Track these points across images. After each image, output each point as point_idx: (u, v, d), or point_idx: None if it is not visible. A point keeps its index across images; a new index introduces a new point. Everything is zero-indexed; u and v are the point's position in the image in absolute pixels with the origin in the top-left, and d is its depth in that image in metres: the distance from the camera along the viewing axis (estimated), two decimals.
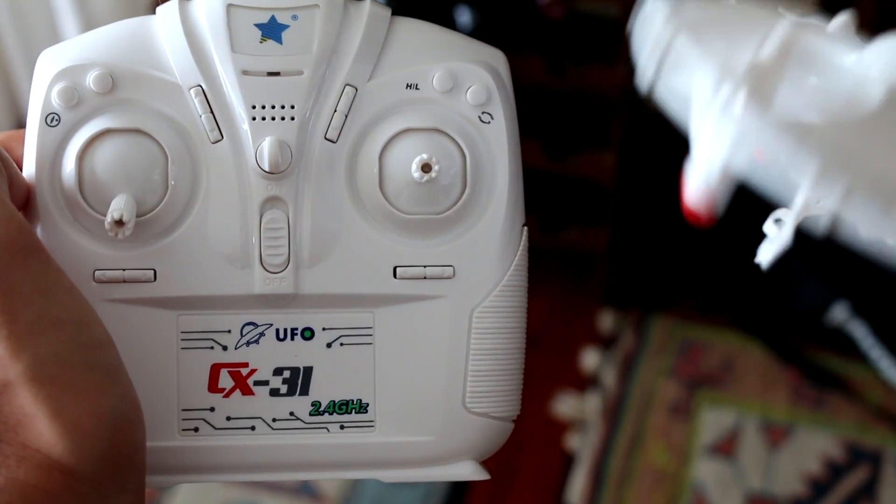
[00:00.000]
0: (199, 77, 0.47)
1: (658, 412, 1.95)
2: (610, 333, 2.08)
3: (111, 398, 0.41)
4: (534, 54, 1.87)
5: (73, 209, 0.46)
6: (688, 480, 1.85)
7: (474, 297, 0.48)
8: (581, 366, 2.03)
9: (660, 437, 1.91)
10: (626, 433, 1.93)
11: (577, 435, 1.93)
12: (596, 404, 1.97)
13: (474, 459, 0.50)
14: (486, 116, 0.48)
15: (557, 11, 1.90)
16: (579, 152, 2.00)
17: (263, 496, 1.83)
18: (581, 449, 1.91)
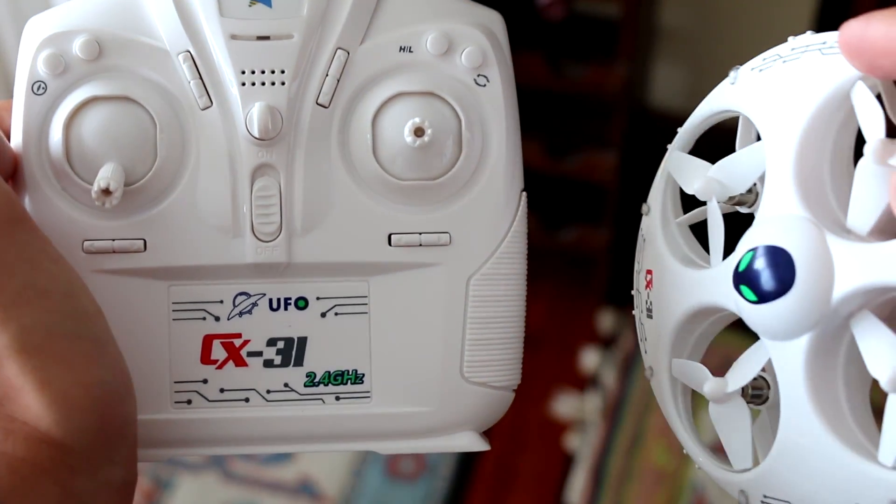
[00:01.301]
0: (188, 42, 0.46)
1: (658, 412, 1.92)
2: (610, 333, 2.08)
3: (100, 369, 0.40)
4: (534, 54, 1.86)
5: (60, 179, 0.46)
6: (688, 480, 1.85)
7: (471, 265, 0.47)
8: (581, 366, 2.02)
9: (660, 437, 1.91)
10: (626, 433, 1.92)
11: (577, 435, 1.92)
12: (596, 404, 1.97)
13: (474, 430, 0.49)
14: (481, 79, 0.47)
15: (557, 12, 1.90)
16: (579, 152, 1.99)
17: (263, 496, 1.82)
18: (581, 449, 1.90)
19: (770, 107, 0.44)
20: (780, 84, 0.44)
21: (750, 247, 0.43)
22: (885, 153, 0.38)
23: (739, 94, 0.46)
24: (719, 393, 0.46)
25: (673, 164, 0.50)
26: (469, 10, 0.48)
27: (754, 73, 0.46)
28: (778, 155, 0.44)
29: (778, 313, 0.42)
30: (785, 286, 0.41)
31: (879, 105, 0.40)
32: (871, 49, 0.39)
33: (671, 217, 0.51)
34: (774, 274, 0.42)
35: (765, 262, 0.42)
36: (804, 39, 0.44)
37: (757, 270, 0.42)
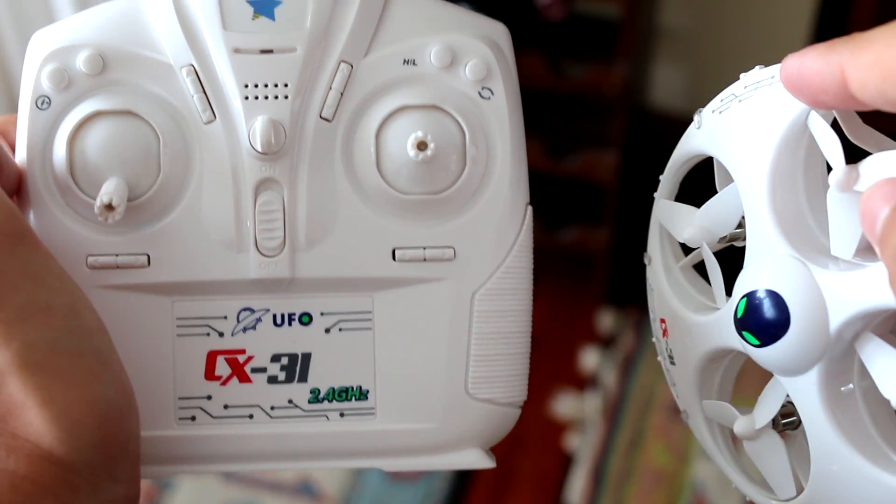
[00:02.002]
0: (191, 56, 0.46)
1: (658, 412, 1.94)
2: (610, 333, 2.08)
3: (103, 386, 0.40)
4: (534, 54, 1.86)
5: (64, 194, 0.45)
6: (688, 480, 1.85)
7: (476, 279, 0.47)
8: (581, 366, 2.02)
9: (660, 437, 1.91)
10: (626, 433, 1.92)
11: (577, 435, 1.92)
12: (596, 404, 1.97)
13: (479, 447, 0.49)
14: (486, 92, 0.47)
15: (557, 12, 1.89)
16: (579, 152, 1.99)
17: (264, 496, 1.82)
18: (581, 449, 1.90)
19: (735, 148, 0.45)
20: (739, 124, 0.45)
21: (743, 293, 0.44)
22: (847, 181, 0.39)
23: (705, 137, 0.47)
24: (749, 431, 0.46)
25: (661, 214, 0.50)
26: (473, 21, 0.48)
27: (715, 115, 0.47)
28: (751, 195, 0.44)
29: (782, 353, 0.42)
30: (782, 328, 0.42)
31: (836, 133, 0.41)
32: (809, 86, 0.40)
33: (672, 263, 0.51)
34: (769, 318, 0.42)
35: (758, 308, 0.43)
36: (754, 76, 0.45)
37: (753, 316, 0.43)
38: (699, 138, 0.48)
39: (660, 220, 0.51)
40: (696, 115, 0.48)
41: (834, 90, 0.38)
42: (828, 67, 0.38)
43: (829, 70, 0.38)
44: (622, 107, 1.97)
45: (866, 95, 0.37)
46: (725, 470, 0.50)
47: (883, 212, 0.36)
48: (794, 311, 0.41)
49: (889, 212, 0.36)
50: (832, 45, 0.38)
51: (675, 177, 0.51)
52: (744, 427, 0.46)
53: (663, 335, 0.51)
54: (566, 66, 1.93)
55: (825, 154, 0.41)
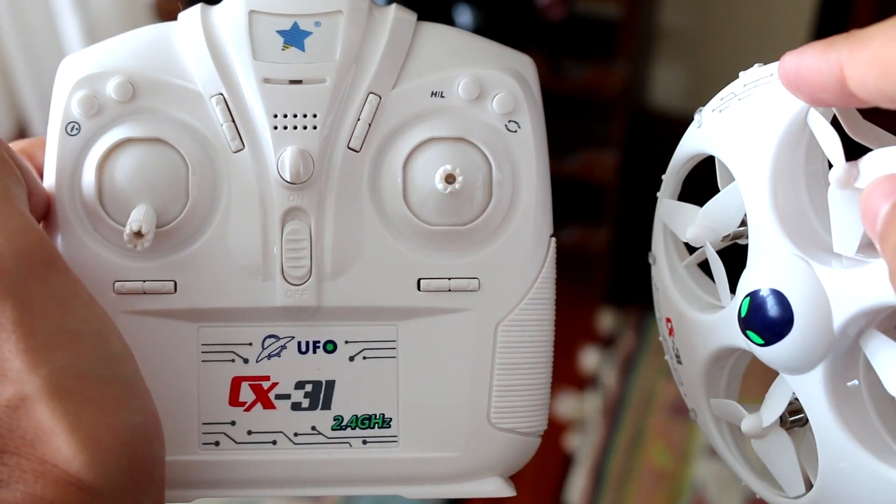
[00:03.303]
0: (221, 85, 0.46)
1: (658, 412, 1.94)
2: (610, 333, 2.08)
3: (130, 412, 0.40)
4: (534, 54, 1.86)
5: (93, 220, 0.46)
6: (688, 480, 1.85)
7: (500, 311, 0.47)
8: (581, 365, 2.02)
9: (660, 437, 1.91)
10: (626, 433, 1.92)
11: (577, 435, 1.92)
12: (596, 404, 1.97)
13: (500, 475, 0.49)
14: (512, 125, 0.47)
15: (557, 12, 1.89)
16: (579, 152, 1.99)
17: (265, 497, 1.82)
18: (581, 449, 1.90)
19: (735, 147, 0.45)
20: (739, 123, 0.45)
21: (746, 292, 0.44)
22: (848, 178, 0.39)
23: (706, 136, 0.47)
24: (756, 429, 0.46)
25: (664, 213, 0.51)
26: (500, 53, 0.48)
27: (715, 114, 0.47)
28: (753, 194, 0.44)
29: (786, 351, 0.42)
30: (786, 326, 0.42)
31: (836, 129, 0.41)
32: (808, 83, 0.40)
33: (677, 262, 0.51)
34: (773, 317, 0.42)
35: (762, 307, 0.43)
36: (753, 74, 0.45)
37: (756, 315, 0.43)
38: (700, 137, 0.48)
39: (663, 220, 0.51)
40: (696, 114, 0.48)
41: (832, 87, 0.38)
42: (826, 65, 0.38)
43: (828, 67, 0.38)
44: (622, 107, 1.96)
45: (865, 92, 0.37)
46: (735, 468, 0.50)
47: (883, 208, 0.36)
48: (797, 310, 0.42)
49: (889, 208, 0.36)
50: (831, 42, 0.38)
51: (677, 176, 0.51)
52: (751, 425, 0.47)
53: (670, 334, 0.51)
54: (566, 66, 1.93)
55: (825, 151, 0.41)
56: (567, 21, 1.93)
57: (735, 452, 0.50)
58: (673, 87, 2.36)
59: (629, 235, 2.07)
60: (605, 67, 1.93)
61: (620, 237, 2.05)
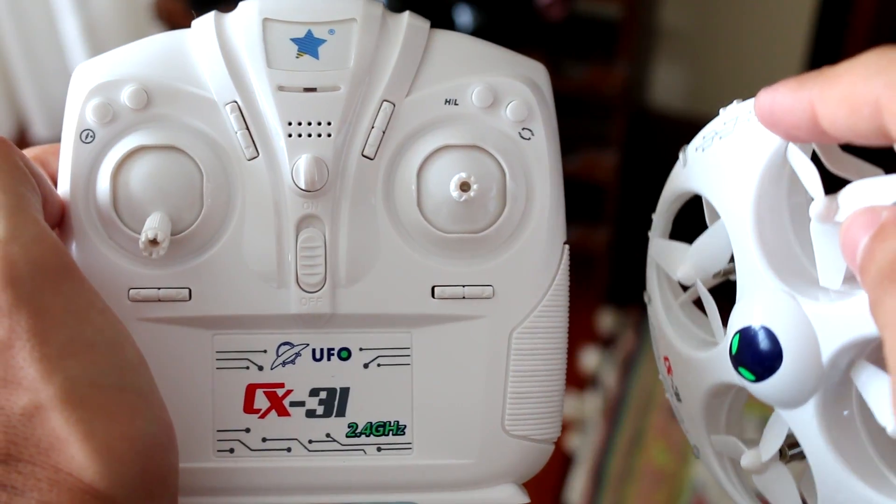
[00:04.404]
0: (235, 93, 0.46)
1: (658, 412, 1.94)
2: (610, 333, 2.08)
3: (144, 421, 0.40)
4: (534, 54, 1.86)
5: (107, 227, 0.46)
6: (688, 480, 1.85)
7: (514, 318, 0.47)
8: (581, 365, 2.03)
9: (660, 437, 1.91)
10: (626, 433, 1.92)
11: (577, 435, 1.93)
12: (596, 404, 1.97)
13: (514, 482, 0.49)
14: (526, 133, 0.47)
15: (557, 12, 1.90)
16: (579, 152, 1.99)
17: None
18: (581, 449, 1.91)
19: (719, 184, 0.46)
20: (722, 160, 0.45)
21: (735, 329, 0.44)
22: (828, 211, 0.39)
23: (690, 175, 0.48)
24: (756, 464, 0.47)
25: (656, 252, 0.51)
26: (514, 61, 0.48)
27: (698, 152, 0.47)
28: (738, 230, 0.45)
29: (778, 386, 0.43)
30: (775, 361, 0.42)
31: (815, 164, 0.41)
32: (782, 122, 0.40)
33: (671, 301, 0.52)
34: (762, 353, 0.43)
35: (751, 344, 0.43)
36: (733, 111, 0.46)
37: (747, 352, 0.43)
38: (685, 176, 0.48)
39: (655, 259, 0.51)
40: (681, 152, 0.49)
41: (805, 126, 0.39)
42: (798, 103, 0.39)
43: (800, 106, 0.39)
44: (622, 107, 1.97)
45: (836, 130, 0.38)
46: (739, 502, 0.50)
47: (862, 240, 0.36)
48: (785, 345, 0.42)
49: (868, 240, 0.36)
50: (802, 80, 0.39)
51: (666, 215, 0.51)
52: (751, 461, 0.47)
53: (668, 373, 0.52)
54: (566, 66, 1.93)
55: (805, 186, 0.41)
56: (567, 21, 1.93)
57: (739, 488, 0.51)
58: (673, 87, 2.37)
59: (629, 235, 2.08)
60: (605, 67, 1.93)
61: (620, 237, 2.05)
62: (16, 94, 2.42)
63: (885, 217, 0.36)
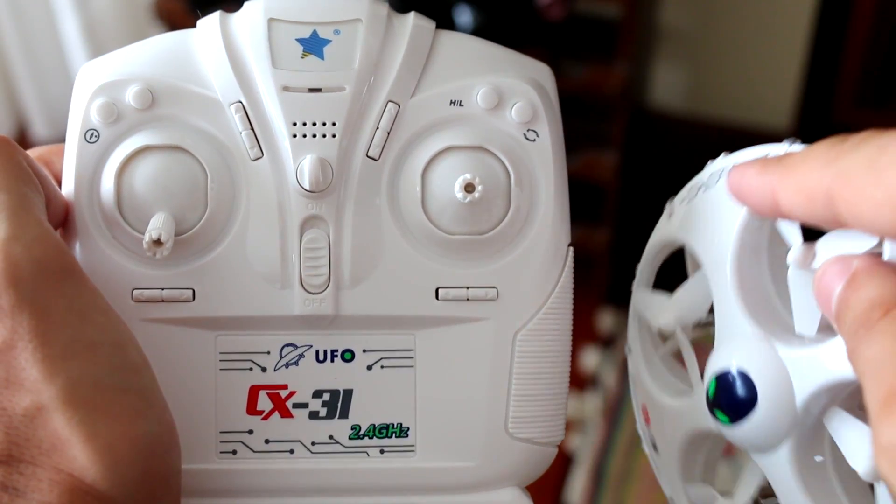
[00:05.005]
0: (240, 93, 0.46)
1: None
2: (610, 333, 2.08)
3: (146, 422, 0.40)
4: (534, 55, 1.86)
5: (111, 227, 0.46)
6: None
7: (518, 320, 0.47)
8: (581, 365, 2.03)
9: None
10: (626, 433, 1.92)
11: (577, 435, 1.93)
12: (596, 404, 1.97)
13: (517, 485, 0.49)
14: (531, 134, 0.47)
15: (557, 12, 1.89)
16: (579, 152, 1.99)
17: None
18: (581, 449, 1.91)
19: (702, 235, 0.47)
20: (706, 211, 0.46)
21: (712, 373, 0.45)
22: (805, 259, 0.40)
23: (675, 226, 0.49)
24: None
25: (638, 303, 0.52)
26: (519, 62, 0.48)
27: (683, 204, 0.48)
28: (718, 278, 0.46)
29: (752, 430, 0.43)
30: (750, 405, 0.43)
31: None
32: (748, 201, 0.42)
33: (652, 352, 0.52)
34: (738, 396, 0.43)
35: (727, 387, 0.44)
36: (719, 163, 0.46)
37: (722, 395, 0.44)
38: (670, 227, 0.49)
39: (637, 310, 0.52)
40: (667, 204, 0.50)
41: (769, 207, 0.40)
42: (762, 187, 0.40)
43: (763, 190, 0.40)
44: (622, 107, 1.97)
45: (795, 216, 0.39)
46: None
47: (836, 289, 0.37)
48: (760, 388, 0.42)
49: (842, 289, 0.37)
50: (766, 164, 0.40)
51: (650, 266, 0.52)
52: None
53: (647, 423, 0.52)
54: (566, 66, 1.93)
55: (783, 234, 0.42)
56: (567, 21, 1.93)
57: None
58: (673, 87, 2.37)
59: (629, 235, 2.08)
60: (605, 67, 1.93)
61: (620, 237, 2.05)
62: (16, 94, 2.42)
63: (856, 266, 0.37)
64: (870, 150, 0.35)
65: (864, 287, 0.36)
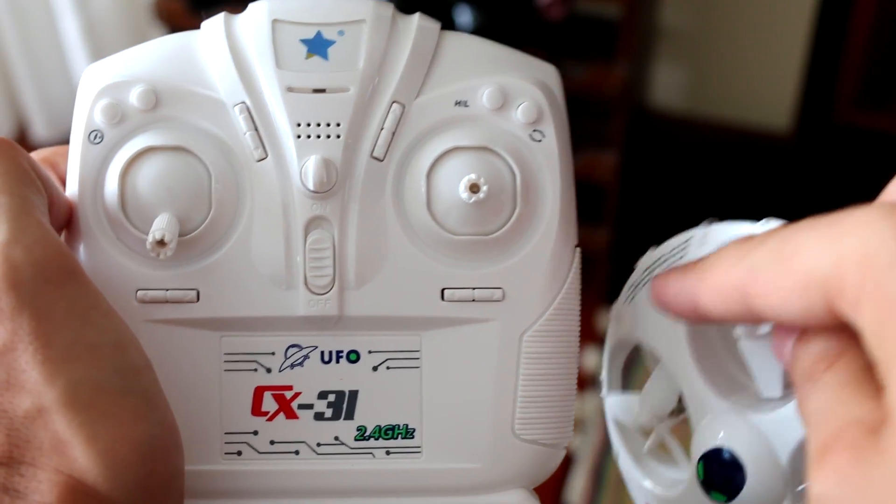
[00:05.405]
0: (244, 94, 0.46)
1: None
2: None
3: (147, 425, 0.40)
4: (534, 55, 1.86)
5: (115, 228, 0.45)
6: None
7: (524, 321, 0.47)
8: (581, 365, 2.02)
9: None
10: None
11: (577, 435, 1.93)
12: (596, 404, 1.97)
13: (523, 487, 0.48)
14: (537, 135, 0.47)
15: (557, 12, 1.89)
16: (579, 152, 1.99)
17: None
18: (581, 449, 1.90)
19: (654, 331, 0.48)
20: (649, 308, 0.47)
21: (697, 456, 0.46)
22: (751, 330, 0.42)
23: (627, 328, 0.50)
24: None
25: (613, 409, 0.53)
26: (525, 63, 0.48)
27: (627, 305, 0.50)
28: (680, 368, 0.47)
29: (750, 500, 0.44)
30: (740, 478, 0.44)
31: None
32: (671, 306, 0.43)
33: (639, 451, 0.53)
34: (727, 472, 0.44)
35: (714, 467, 0.45)
36: (648, 259, 0.49)
37: (713, 476, 0.45)
38: (621, 330, 0.51)
39: (613, 416, 0.53)
40: (612, 309, 0.51)
41: (690, 311, 0.42)
42: (682, 291, 0.42)
43: (684, 294, 0.42)
44: (622, 107, 1.97)
45: (715, 315, 0.40)
46: None
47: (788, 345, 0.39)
48: (745, 459, 0.44)
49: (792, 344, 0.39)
50: (686, 269, 0.42)
51: (613, 371, 0.53)
52: None
53: None
54: (566, 66, 1.93)
55: None
56: (567, 21, 1.93)
57: None
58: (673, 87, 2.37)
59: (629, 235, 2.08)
60: (605, 67, 1.93)
61: (620, 237, 2.05)
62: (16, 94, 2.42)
63: None
64: (774, 243, 0.37)
65: (813, 341, 0.37)
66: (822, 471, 0.33)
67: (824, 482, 0.33)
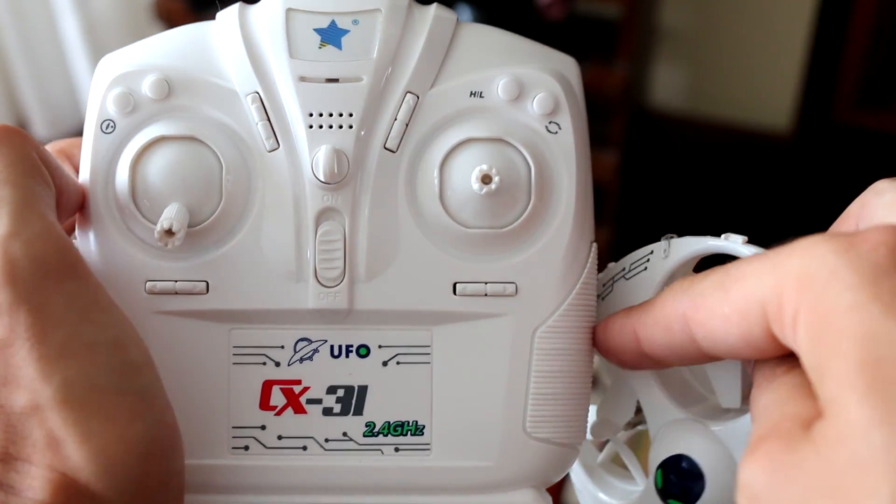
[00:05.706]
0: (256, 83, 0.45)
1: None
2: None
3: (144, 424, 0.40)
4: None
5: (125, 218, 0.45)
6: None
7: (537, 317, 0.46)
8: None
9: None
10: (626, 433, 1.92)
11: None
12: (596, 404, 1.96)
13: (534, 487, 0.48)
14: (553, 126, 0.46)
15: (557, 12, 1.89)
16: None
17: None
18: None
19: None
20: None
21: (656, 464, 0.46)
22: None
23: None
24: None
25: None
26: (542, 54, 0.47)
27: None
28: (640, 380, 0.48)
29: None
30: (700, 485, 0.44)
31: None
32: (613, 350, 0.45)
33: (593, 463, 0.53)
34: (686, 480, 0.44)
35: (673, 474, 0.45)
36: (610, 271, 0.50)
37: (671, 483, 0.45)
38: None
39: None
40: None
41: (631, 351, 0.43)
42: (623, 331, 0.43)
43: (625, 333, 0.43)
44: (622, 107, 1.97)
45: (656, 351, 0.42)
46: None
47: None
48: (704, 465, 0.44)
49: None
50: (629, 310, 0.44)
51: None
52: None
53: None
54: None
55: None
56: (567, 21, 1.93)
57: None
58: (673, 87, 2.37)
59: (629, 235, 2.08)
60: (605, 67, 1.93)
61: (620, 237, 2.05)
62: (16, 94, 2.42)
63: None
64: (718, 274, 0.38)
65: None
66: (755, 458, 0.34)
67: (755, 468, 0.34)
